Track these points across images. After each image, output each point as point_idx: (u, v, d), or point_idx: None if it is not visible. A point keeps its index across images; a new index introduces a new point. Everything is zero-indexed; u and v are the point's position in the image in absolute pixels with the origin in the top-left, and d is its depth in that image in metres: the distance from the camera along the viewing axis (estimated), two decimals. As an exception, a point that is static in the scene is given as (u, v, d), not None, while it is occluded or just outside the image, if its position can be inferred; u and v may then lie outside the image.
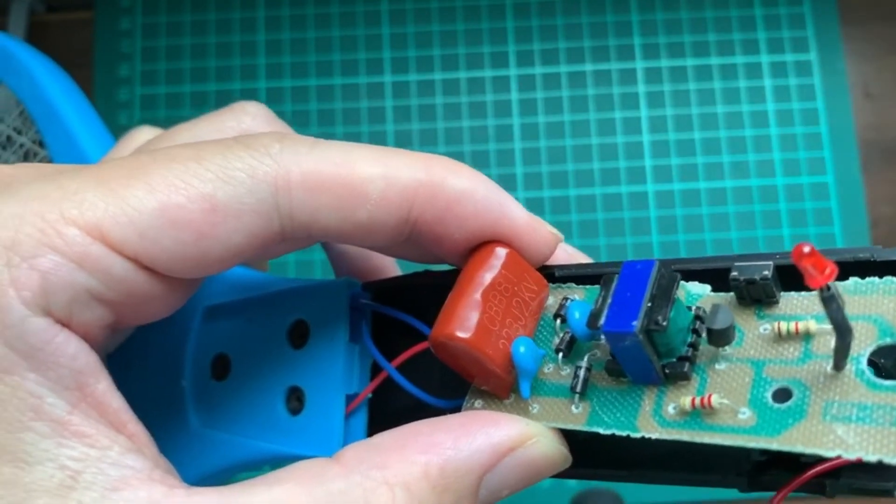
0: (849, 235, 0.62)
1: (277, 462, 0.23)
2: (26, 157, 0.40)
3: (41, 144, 0.38)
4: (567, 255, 0.25)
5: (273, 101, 0.65)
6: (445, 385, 0.23)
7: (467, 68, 0.66)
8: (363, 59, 0.66)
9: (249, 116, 0.27)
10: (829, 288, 0.16)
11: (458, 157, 0.67)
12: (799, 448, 0.17)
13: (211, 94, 0.66)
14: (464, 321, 0.20)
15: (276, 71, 0.66)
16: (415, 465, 0.19)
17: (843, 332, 0.17)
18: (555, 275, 0.23)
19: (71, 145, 0.35)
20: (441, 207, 0.21)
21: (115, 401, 0.19)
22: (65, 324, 0.18)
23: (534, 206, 0.63)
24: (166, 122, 0.76)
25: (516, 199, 0.23)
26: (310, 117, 0.65)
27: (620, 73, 0.65)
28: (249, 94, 0.65)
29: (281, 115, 0.28)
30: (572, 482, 0.55)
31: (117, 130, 0.69)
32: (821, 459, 0.17)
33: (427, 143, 0.65)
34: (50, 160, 0.36)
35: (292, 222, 0.20)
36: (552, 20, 0.66)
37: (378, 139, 0.65)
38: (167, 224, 0.19)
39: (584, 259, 0.25)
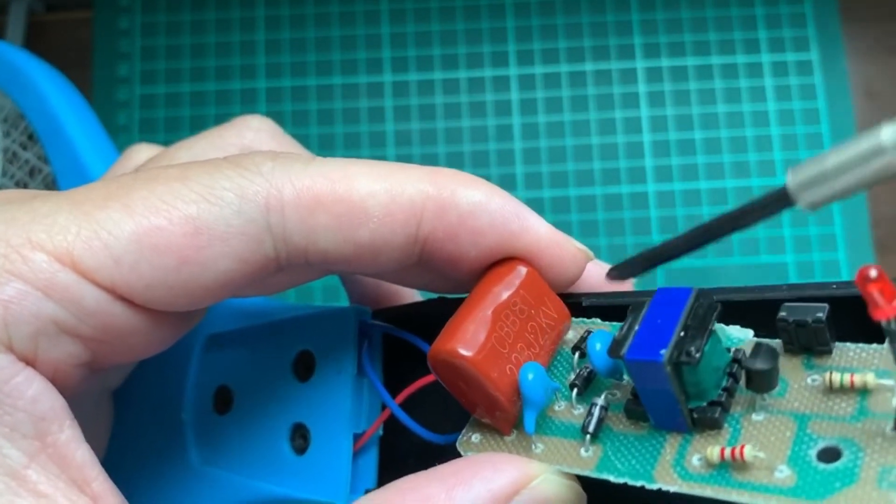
0: (850, 236, 0.62)
1: None
2: (31, 174, 0.39)
3: (46, 160, 0.37)
4: (600, 269, 0.22)
5: (272, 100, 0.65)
6: (464, 416, 0.21)
7: (467, 68, 0.66)
8: (363, 58, 0.66)
9: (252, 131, 0.25)
10: None
11: (457, 157, 0.66)
12: None
13: (210, 93, 0.65)
14: (469, 338, 0.18)
15: (276, 70, 0.66)
16: None
17: None
18: (582, 304, 0.20)
19: (74, 162, 0.34)
20: (453, 222, 0.19)
21: (80, 453, 0.17)
22: (28, 361, 0.16)
23: (534, 206, 0.62)
24: (166, 122, 0.75)
25: (516, 199, 0.21)
26: (309, 117, 0.65)
27: (621, 73, 0.65)
28: (249, 94, 0.65)
29: (280, 115, 0.27)
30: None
31: (116, 130, 0.69)
32: None
33: (427, 142, 0.65)
34: (53, 176, 0.35)
35: (287, 246, 0.18)
36: (552, 20, 0.66)
37: (378, 139, 0.65)
38: (146, 249, 0.17)
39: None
